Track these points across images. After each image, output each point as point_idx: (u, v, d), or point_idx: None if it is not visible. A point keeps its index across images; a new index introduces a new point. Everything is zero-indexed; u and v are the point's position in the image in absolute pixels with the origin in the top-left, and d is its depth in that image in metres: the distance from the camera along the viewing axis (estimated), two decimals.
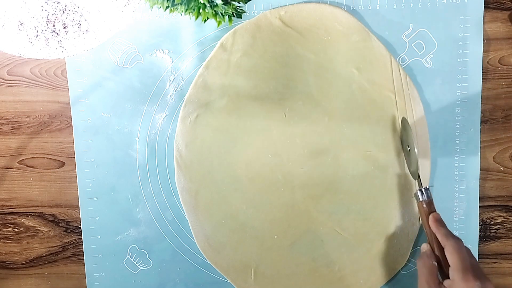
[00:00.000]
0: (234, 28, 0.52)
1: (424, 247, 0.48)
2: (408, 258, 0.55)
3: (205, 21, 0.47)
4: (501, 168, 0.55)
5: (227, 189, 0.54)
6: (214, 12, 0.46)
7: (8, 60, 0.54)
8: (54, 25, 0.44)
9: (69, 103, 0.54)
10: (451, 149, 0.54)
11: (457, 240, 0.45)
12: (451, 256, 0.45)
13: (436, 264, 0.46)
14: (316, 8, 0.52)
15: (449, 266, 0.44)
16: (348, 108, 0.53)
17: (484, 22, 0.53)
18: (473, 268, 0.44)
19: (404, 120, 0.51)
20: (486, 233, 0.56)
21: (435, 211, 0.49)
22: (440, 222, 0.47)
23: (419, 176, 0.50)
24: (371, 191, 0.54)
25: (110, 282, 0.56)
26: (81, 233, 0.56)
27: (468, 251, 0.46)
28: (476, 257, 0.56)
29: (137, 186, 0.55)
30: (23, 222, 0.57)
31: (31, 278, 0.58)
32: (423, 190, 0.49)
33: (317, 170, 0.54)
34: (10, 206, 0.57)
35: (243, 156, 0.53)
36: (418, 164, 0.49)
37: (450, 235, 0.46)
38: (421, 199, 0.49)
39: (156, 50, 0.53)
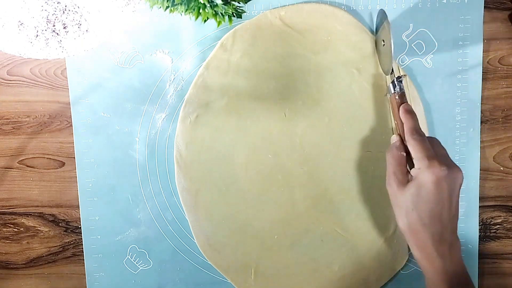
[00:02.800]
0: (234, 28, 0.52)
1: (394, 138, 0.47)
2: (408, 258, 0.55)
3: (205, 21, 0.47)
4: (501, 168, 0.55)
5: (227, 189, 0.54)
6: (214, 12, 0.46)
7: (8, 60, 0.54)
8: (54, 25, 0.44)
9: (69, 103, 0.54)
10: (451, 149, 0.54)
11: (421, 135, 0.44)
12: (413, 148, 0.44)
13: (404, 154, 0.45)
14: (316, 8, 0.52)
15: None
16: (348, 108, 0.53)
17: (484, 22, 0.53)
18: (439, 156, 0.43)
19: (381, 12, 0.50)
20: (486, 233, 0.56)
21: (406, 102, 0.47)
22: (410, 113, 0.46)
23: (392, 71, 0.49)
24: (371, 191, 0.54)
25: (110, 282, 0.56)
26: (81, 233, 0.56)
27: (436, 142, 0.45)
28: (476, 257, 0.56)
29: (137, 186, 0.55)
30: (23, 222, 0.57)
31: (31, 278, 0.58)
32: (395, 81, 0.47)
33: (317, 170, 0.54)
34: (10, 206, 0.57)
35: (243, 156, 0.53)
36: (392, 58, 0.48)
37: (415, 130, 0.45)
38: (393, 91, 0.48)
39: (156, 50, 0.53)
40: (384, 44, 0.50)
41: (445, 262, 0.43)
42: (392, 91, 0.48)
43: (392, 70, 0.49)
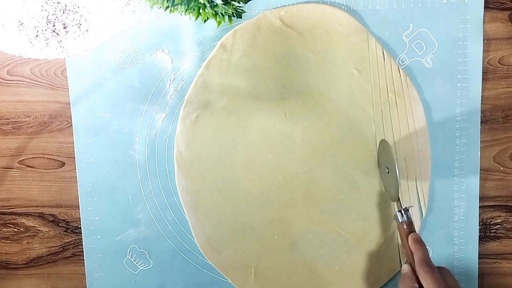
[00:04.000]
0: (234, 28, 0.52)
1: (405, 268, 0.48)
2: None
3: (205, 21, 0.47)
4: (501, 168, 0.55)
5: (227, 189, 0.54)
6: (214, 12, 0.46)
7: (8, 60, 0.54)
8: (54, 25, 0.44)
9: (69, 103, 0.54)
10: (451, 149, 0.54)
11: (431, 267, 0.45)
12: (424, 280, 0.45)
13: (417, 286, 0.46)
14: (316, 9, 0.52)
15: None
16: (348, 108, 0.53)
17: (484, 22, 0.53)
18: None
19: (383, 142, 0.52)
20: (486, 233, 0.56)
21: (414, 231, 0.48)
22: (419, 243, 0.47)
23: (399, 199, 0.50)
24: (372, 191, 0.54)
25: (110, 282, 0.56)
26: (81, 233, 0.56)
27: (446, 272, 0.46)
28: (476, 257, 0.56)
29: (137, 186, 0.55)
30: (23, 222, 0.57)
31: (31, 278, 0.58)
32: (402, 211, 0.49)
33: (317, 170, 0.54)
34: (10, 206, 0.57)
35: (243, 156, 0.53)
36: (399, 186, 0.49)
37: (425, 261, 0.46)
38: (400, 220, 0.49)
39: (156, 50, 0.53)
40: (388, 172, 0.51)
41: None
42: (400, 220, 0.49)
43: (399, 198, 0.50)
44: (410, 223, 0.49)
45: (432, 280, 0.44)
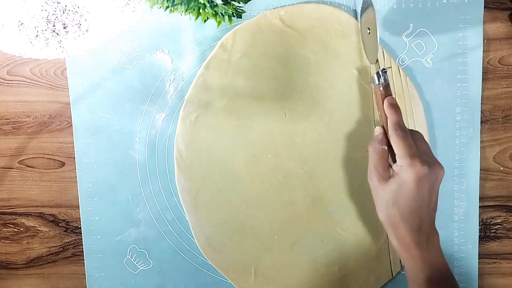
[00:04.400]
0: (234, 28, 0.52)
1: (377, 130, 0.47)
2: None
3: (205, 21, 0.47)
4: (501, 168, 0.55)
5: (227, 189, 0.54)
6: (214, 12, 0.46)
7: (8, 60, 0.54)
8: (54, 25, 0.44)
9: (69, 103, 0.54)
10: (451, 149, 0.54)
11: (404, 131, 0.44)
12: (395, 144, 0.44)
13: (386, 148, 0.45)
14: (316, 9, 0.52)
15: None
16: (348, 108, 0.53)
17: (484, 22, 0.53)
18: (421, 153, 0.43)
19: (366, 1, 0.49)
20: (486, 233, 0.56)
21: (391, 95, 0.47)
22: (394, 107, 0.46)
23: (377, 60, 0.48)
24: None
25: (110, 282, 0.56)
26: (81, 233, 0.56)
27: (419, 136, 0.45)
28: (476, 257, 0.56)
29: (137, 186, 0.55)
30: (23, 222, 0.57)
31: (31, 278, 0.58)
32: (380, 72, 0.47)
33: (317, 170, 0.54)
34: (10, 206, 0.57)
35: (243, 156, 0.53)
36: (378, 47, 0.47)
37: (398, 124, 0.45)
38: (377, 82, 0.47)
39: (156, 50, 0.53)
40: (369, 32, 0.49)
41: (422, 252, 0.43)
42: (377, 82, 0.47)
43: (377, 60, 0.48)
44: (387, 86, 0.47)
45: (404, 144, 0.43)
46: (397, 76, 0.53)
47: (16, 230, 0.57)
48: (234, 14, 0.48)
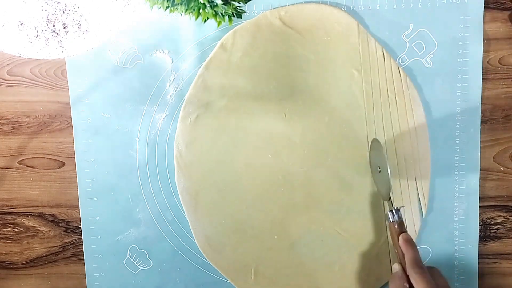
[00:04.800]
0: (234, 28, 0.52)
1: (396, 267, 0.48)
2: None
3: (205, 21, 0.47)
4: (501, 168, 0.55)
5: (227, 189, 0.54)
6: (214, 12, 0.46)
7: (8, 60, 0.54)
8: (54, 25, 0.44)
9: (69, 103, 0.54)
10: (451, 149, 0.54)
11: (422, 267, 0.45)
12: (414, 281, 0.45)
13: (407, 286, 0.46)
14: (316, 9, 0.52)
15: None
16: (348, 109, 0.53)
17: (484, 22, 0.53)
18: None
19: (375, 141, 0.51)
20: (486, 233, 0.56)
21: (406, 231, 0.48)
22: (410, 243, 0.47)
23: (390, 198, 0.50)
24: (372, 191, 0.54)
25: (110, 282, 0.56)
26: (81, 233, 0.56)
27: (436, 272, 0.46)
28: (476, 257, 0.56)
29: (137, 186, 0.55)
30: (23, 222, 0.57)
31: (31, 278, 0.58)
32: (393, 211, 0.48)
33: (317, 170, 0.54)
34: (10, 206, 0.57)
35: (243, 156, 0.53)
36: (391, 185, 0.49)
37: (415, 261, 0.46)
38: (391, 220, 0.48)
39: (156, 50, 0.53)
40: (380, 171, 0.50)
41: None
42: (391, 220, 0.49)
43: (390, 197, 0.49)
44: (401, 223, 0.48)
45: (422, 281, 0.44)
46: (397, 76, 0.53)
47: (16, 230, 0.57)
48: (234, 14, 0.48)
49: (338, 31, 0.52)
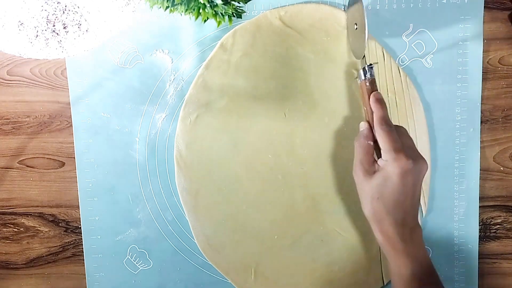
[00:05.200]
0: (234, 28, 0.52)
1: (362, 125, 0.47)
2: None
3: (205, 21, 0.47)
4: (501, 168, 0.55)
5: (227, 189, 0.54)
6: (214, 12, 0.46)
7: (8, 60, 0.54)
8: (54, 25, 0.43)
9: (69, 103, 0.54)
10: (451, 149, 0.54)
11: (389, 125, 0.45)
12: (381, 138, 0.44)
13: (372, 143, 0.46)
14: (316, 9, 0.52)
15: None
16: (348, 108, 0.53)
17: (484, 22, 0.53)
18: (406, 148, 0.44)
19: None
20: (486, 233, 0.56)
21: (377, 90, 0.47)
22: (380, 102, 0.46)
23: (364, 56, 0.48)
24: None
25: (110, 282, 0.56)
26: (81, 233, 0.56)
27: (403, 131, 0.46)
28: (476, 257, 0.56)
29: (137, 186, 0.55)
30: (23, 222, 0.57)
31: (31, 278, 0.58)
32: (366, 68, 0.47)
33: (317, 170, 0.54)
34: (10, 206, 0.57)
35: (243, 156, 0.53)
36: (366, 42, 0.47)
37: (383, 119, 0.45)
38: (364, 78, 0.47)
39: (156, 50, 0.53)
40: (356, 28, 0.49)
41: (406, 246, 0.44)
42: (363, 78, 0.48)
43: (364, 56, 0.48)
44: (373, 81, 0.47)
45: (389, 138, 0.44)
46: (397, 76, 0.53)
47: (16, 230, 0.57)
48: (234, 14, 0.48)
49: (338, 31, 0.52)
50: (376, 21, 0.53)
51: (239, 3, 0.48)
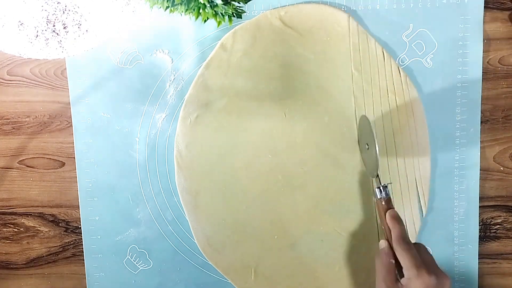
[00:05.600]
0: (234, 28, 0.52)
1: (382, 244, 0.48)
2: None
3: (205, 21, 0.47)
4: (501, 168, 0.55)
5: (227, 189, 0.54)
6: (214, 12, 0.46)
7: (8, 60, 0.54)
8: (54, 25, 0.43)
9: (69, 103, 0.54)
10: (451, 149, 0.54)
11: (408, 243, 0.45)
12: (401, 257, 0.45)
13: (393, 262, 0.46)
14: (316, 9, 0.52)
15: None
16: (348, 108, 0.53)
17: (484, 22, 0.53)
18: (426, 264, 0.44)
19: (363, 118, 0.51)
20: (486, 233, 0.56)
21: (393, 208, 0.48)
22: (396, 220, 0.47)
23: (377, 175, 0.49)
24: (371, 191, 0.54)
25: (110, 282, 0.56)
26: (81, 233, 0.56)
27: (422, 248, 0.46)
28: (476, 257, 0.56)
29: (137, 186, 0.55)
30: (23, 222, 0.57)
31: (31, 278, 0.58)
32: (381, 188, 0.49)
33: (317, 170, 0.54)
34: (10, 206, 0.57)
35: (243, 156, 0.53)
36: (378, 162, 0.48)
37: (401, 237, 0.46)
38: (379, 197, 0.49)
39: (156, 50, 0.53)
40: (368, 148, 0.50)
41: None
42: (378, 197, 0.49)
43: (378, 174, 0.49)
44: (388, 200, 0.48)
45: (409, 256, 0.44)
46: (397, 76, 0.53)
47: (16, 230, 0.57)
48: (234, 14, 0.48)
49: (338, 31, 0.52)
50: (376, 21, 0.53)
51: (239, 3, 0.48)
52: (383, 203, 0.48)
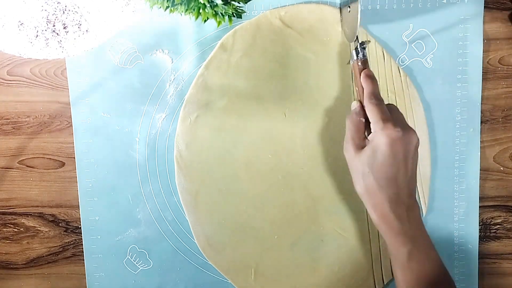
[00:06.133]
0: (234, 28, 0.52)
1: (354, 104, 0.47)
2: None
3: (205, 21, 0.47)
4: (501, 168, 0.55)
5: (227, 189, 0.54)
6: (214, 12, 0.46)
7: (8, 60, 0.54)
8: (54, 25, 0.43)
9: (69, 103, 0.54)
10: (451, 149, 0.54)
11: (379, 99, 0.44)
12: (370, 112, 0.44)
13: (363, 120, 0.45)
14: (316, 9, 0.52)
15: None
16: (348, 108, 0.53)
17: (484, 22, 0.53)
18: (395, 120, 0.43)
19: None
20: (486, 233, 0.56)
21: (368, 68, 0.47)
22: (370, 78, 0.46)
23: (357, 39, 0.48)
24: None
25: (110, 282, 0.56)
26: (81, 233, 0.56)
27: (394, 108, 0.46)
28: (476, 257, 0.56)
29: (137, 186, 0.55)
30: (23, 222, 0.57)
31: (31, 278, 0.58)
32: (359, 48, 0.47)
33: (317, 170, 0.54)
34: (10, 206, 0.57)
35: (243, 156, 0.53)
36: (358, 25, 0.46)
37: (373, 94, 0.45)
38: (356, 58, 0.47)
39: (156, 50, 0.53)
40: (350, 11, 0.49)
41: (403, 225, 0.43)
42: (355, 58, 0.47)
43: (357, 37, 0.48)
44: (365, 61, 0.47)
45: (378, 111, 0.43)
46: (397, 76, 0.53)
47: (16, 230, 0.57)
48: (234, 14, 0.48)
49: (338, 31, 0.52)
50: (376, 21, 0.53)
51: (239, 3, 0.48)
52: (359, 63, 0.47)
